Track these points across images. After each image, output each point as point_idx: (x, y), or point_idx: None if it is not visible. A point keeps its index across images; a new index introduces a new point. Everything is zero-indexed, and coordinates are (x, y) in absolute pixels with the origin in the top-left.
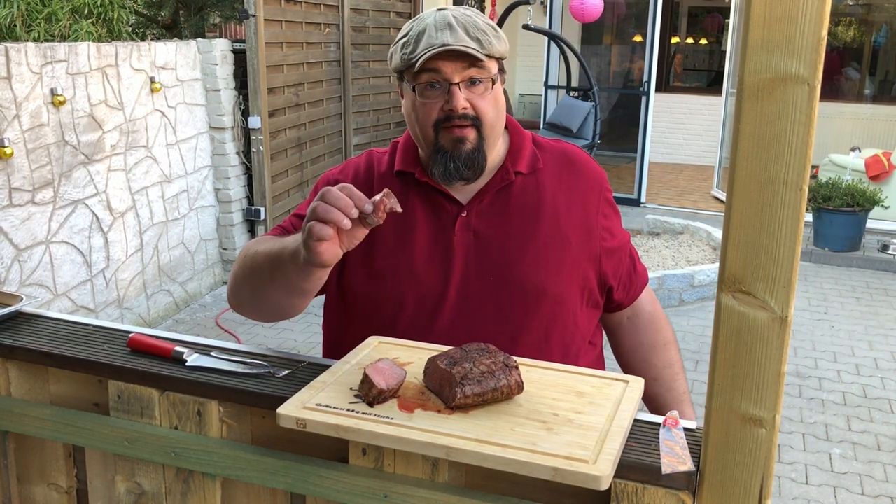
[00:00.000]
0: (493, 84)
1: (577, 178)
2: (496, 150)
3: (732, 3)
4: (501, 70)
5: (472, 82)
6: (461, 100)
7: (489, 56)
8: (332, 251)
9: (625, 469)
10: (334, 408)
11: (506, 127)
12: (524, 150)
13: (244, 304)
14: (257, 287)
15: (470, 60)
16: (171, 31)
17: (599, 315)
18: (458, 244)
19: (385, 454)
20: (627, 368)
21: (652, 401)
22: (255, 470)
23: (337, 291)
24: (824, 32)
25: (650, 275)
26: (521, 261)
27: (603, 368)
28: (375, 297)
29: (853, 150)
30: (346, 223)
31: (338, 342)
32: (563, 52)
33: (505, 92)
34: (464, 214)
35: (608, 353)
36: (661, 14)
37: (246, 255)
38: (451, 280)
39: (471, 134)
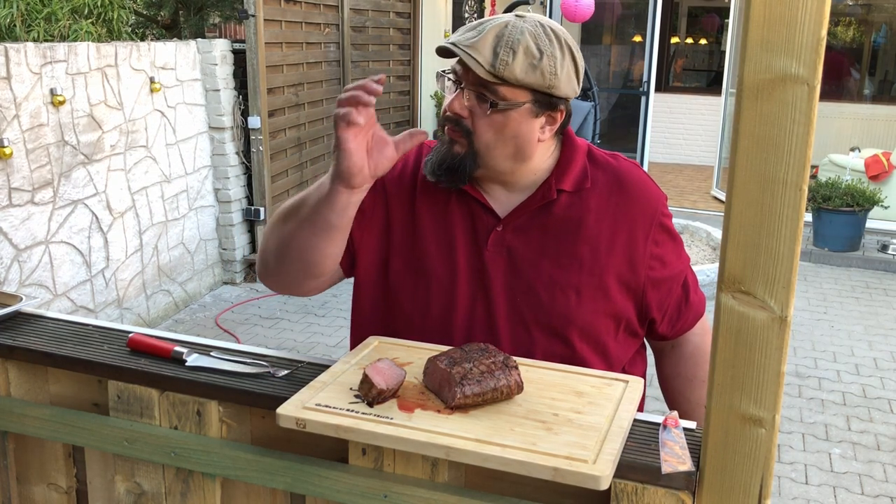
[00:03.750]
0: (501, 109)
1: (627, 202)
2: (541, 165)
3: (732, 3)
4: (540, 103)
5: (480, 97)
6: (456, 102)
7: (497, 76)
8: (359, 154)
9: (625, 469)
10: (334, 408)
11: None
12: (573, 165)
13: (270, 265)
14: (287, 233)
15: (475, 72)
16: (171, 31)
17: (639, 342)
18: (489, 260)
19: (385, 454)
20: (665, 396)
21: None
22: (255, 470)
23: (377, 279)
24: (824, 32)
25: None
26: (552, 286)
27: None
28: (408, 294)
29: (853, 150)
30: (366, 98)
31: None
32: None
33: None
34: (499, 229)
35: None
36: (660, 14)
37: (278, 210)
38: (477, 298)
39: (461, 140)
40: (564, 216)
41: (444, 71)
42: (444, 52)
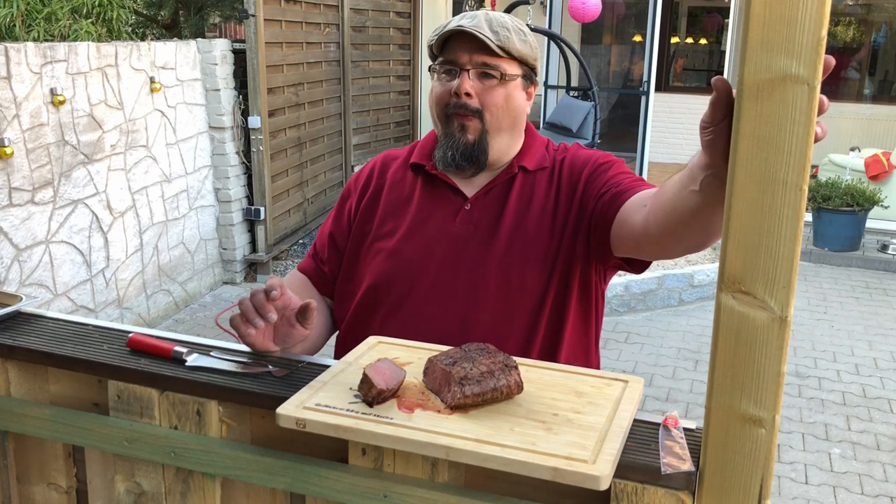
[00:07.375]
0: (505, 81)
1: (569, 168)
2: (507, 150)
3: (732, 3)
4: (526, 77)
5: (483, 75)
6: (466, 84)
7: (504, 50)
8: (260, 342)
9: (624, 469)
10: (334, 408)
11: (526, 131)
12: (534, 150)
13: None
14: None
15: (482, 48)
16: (171, 30)
17: (596, 311)
18: (456, 235)
19: (385, 454)
20: (667, 222)
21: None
22: (255, 470)
23: (345, 278)
24: (824, 32)
25: (650, 275)
26: (508, 254)
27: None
28: (376, 277)
29: (853, 150)
30: (251, 331)
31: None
32: (562, 51)
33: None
34: (467, 207)
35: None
36: (660, 14)
37: None
38: (443, 270)
39: (474, 124)
40: (520, 193)
41: (440, 62)
42: (443, 42)
